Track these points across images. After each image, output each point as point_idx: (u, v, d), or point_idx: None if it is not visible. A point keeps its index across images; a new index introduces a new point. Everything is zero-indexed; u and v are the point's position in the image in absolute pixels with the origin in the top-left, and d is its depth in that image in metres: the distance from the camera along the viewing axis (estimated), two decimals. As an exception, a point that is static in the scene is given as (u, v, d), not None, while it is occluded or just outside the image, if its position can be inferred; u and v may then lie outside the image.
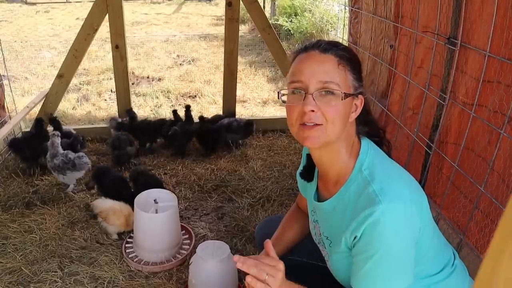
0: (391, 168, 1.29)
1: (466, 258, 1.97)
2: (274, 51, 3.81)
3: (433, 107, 2.38)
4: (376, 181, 1.19)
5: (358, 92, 1.25)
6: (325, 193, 1.40)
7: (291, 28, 7.31)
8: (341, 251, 1.28)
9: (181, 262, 2.27)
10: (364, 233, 1.16)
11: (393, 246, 1.15)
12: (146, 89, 5.33)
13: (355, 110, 1.26)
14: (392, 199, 1.14)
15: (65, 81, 3.64)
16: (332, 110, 1.18)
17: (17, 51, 7.25)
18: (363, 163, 1.26)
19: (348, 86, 1.22)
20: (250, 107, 4.77)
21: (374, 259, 1.16)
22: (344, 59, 1.21)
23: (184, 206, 2.80)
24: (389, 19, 2.94)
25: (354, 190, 1.24)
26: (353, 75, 1.23)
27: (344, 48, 1.25)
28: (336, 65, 1.20)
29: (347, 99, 1.20)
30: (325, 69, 1.19)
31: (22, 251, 2.33)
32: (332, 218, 1.34)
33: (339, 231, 1.27)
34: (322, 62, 1.20)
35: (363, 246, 1.18)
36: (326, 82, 1.18)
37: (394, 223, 1.14)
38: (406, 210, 1.16)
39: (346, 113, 1.22)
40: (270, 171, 3.23)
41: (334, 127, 1.20)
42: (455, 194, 2.20)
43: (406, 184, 1.24)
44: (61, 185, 3.00)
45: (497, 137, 1.84)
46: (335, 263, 1.36)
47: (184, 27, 9.94)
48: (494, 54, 1.86)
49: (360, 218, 1.16)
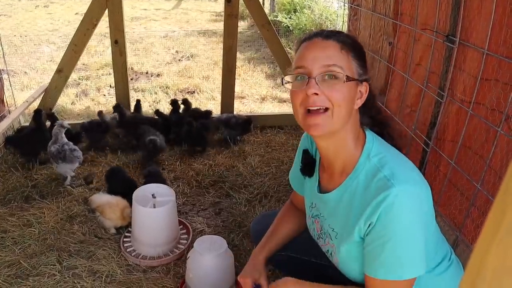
0: (397, 155, 1.30)
1: (462, 255, 1.98)
2: (273, 48, 3.81)
3: (431, 105, 2.39)
4: (386, 167, 1.21)
5: (363, 79, 1.26)
6: (329, 185, 1.40)
7: (290, 24, 7.31)
8: (352, 241, 1.28)
9: (179, 256, 2.28)
10: (380, 217, 1.17)
11: (407, 229, 1.16)
12: (145, 84, 5.34)
13: (361, 97, 1.27)
14: (403, 181, 1.16)
15: (64, 76, 3.65)
16: (336, 92, 1.19)
17: (16, 45, 7.23)
18: (371, 151, 1.28)
19: (352, 71, 1.23)
20: (249, 103, 4.78)
21: (390, 245, 1.16)
22: (346, 45, 1.23)
23: (182, 201, 2.81)
24: (388, 17, 2.95)
25: (363, 178, 1.25)
26: (357, 61, 1.24)
27: (347, 35, 1.27)
28: (338, 49, 1.21)
29: (351, 83, 1.21)
30: (328, 54, 1.21)
31: (20, 245, 2.34)
32: (339, 208, 1.34)
33: (348, 221, 1.28)
34: (325, 48, 1.21)
35: (379, 231, 1.18)
36: (329, 65, 1.19)
37: (408, 206, 1.15)
38: (417, 193, 1.18)
39: (351, 98, 1.23)
40: (267, 167, 3.24)
41: (341, 111, 1.21)
42: (451, 192, 2.21)
43: (414, 168, 1.26)
44: (59, 179, 3.01)
45: (494, 135, 1.85)
46: (343, 255, 1.35)
47: (183, 23, 9.92)
48: (492, 52, 1.87)
49: (374, 203, 1.17)
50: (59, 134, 2.92)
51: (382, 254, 1.18)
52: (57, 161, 2.86)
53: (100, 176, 3.07)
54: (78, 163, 2.97)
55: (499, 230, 0.35)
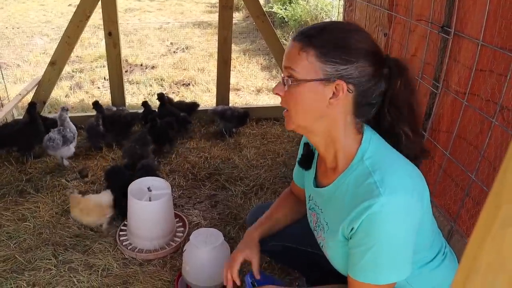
0: (394, 158, 1.25)
1: (456, 245, 2.00)
2: (268, 40, 3.79)
3: (426, 96, 2.39)
4: (377, 171, 1.17)
5: (336, 77, 1.17)
6: (324, 179, 1.40)
7: (285, 15, 7.27)
8: (337, 240, 1.28)
9: (175, 249, 2.28)
10: (362, 225, 1.15)
11: (391, 239, 1.15)
12: (139, 77, 5.30)
13: (335, 96, 1.18)
14: (392, 190, 1.12)
15: (57, 68, 3.61)
16: (289, 96, 1.22)
17: (8, 37, 7.16)
18: (365, 151, 1.23)
19: (310, 72, 1.17)
20: (244, 95, 4.76)
21: (372, 251, 1.16)
22: (308, 45, 1.17)
23: (178, 194, 2.81)
24: (384, 8, 2.94)
25: (354, 178, 1.23)
26: (324, 59, 1.17)
27: (316, 34, 1.19)
28: (297, 51, 1.19)
29: (310, 85, 1.18)
30: (289, 56, 1.22)
31: (16, 239, 2.33)
32: (330, 204, 1.34)
33: (337, 218, 1.28)
34: (289, 49, 1.23)
35: (361, 238, 1.17)
36: (285, 67, 1.22)
37: (393, 216, 1.13)
38: (407, 202, 1.14)
39: (310, 100, 1.20)
40: (263, 159, 3.24)
41: (297, 112, 1.23)
42: (446, 182, 2.22)
43: (408, 173, 1.21)
44: (54, 173, 3.00)
45: (489, 126, 1.86)
46: (331, 250, 1.36)
47: (178, 14, 9.85)
48: (487, 43, 1.86)
49: (359, 209, 1.15)
50: (64, 117, 3.07)
51: (363, 260, 1.19)
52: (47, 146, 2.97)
53: (95, 169, 3.06)
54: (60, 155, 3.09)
55: (493, 224, 0.35)
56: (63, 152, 3.03)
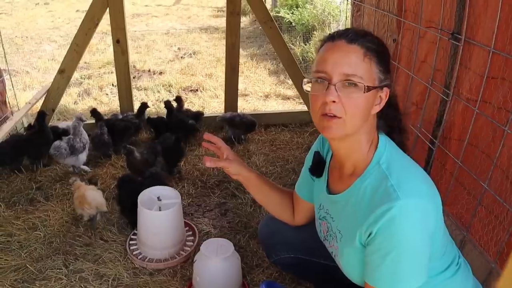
0: (408, 164, 1.29)
1: (469, 255, 1.97)
2: (276, 46, 3.78)
3: (436, 103, 2.37)
4: (394, 175, 1.19)
5: (383, 85, 1.24)
6: (338, 186, 1.41)
7: (292, 20, 7.26)
8: (353, 246, 1.28)
9: (185, 259, 2.28)
10: (380, 229, 1.16)
11: (410, 243, 1.15)
12: (147, 83, 5.32)
13: (379, 102, 1.26)
14: (409, 194, 1.14)
15: (66, 76, 3.63)
16: (352, 102, 1.19)
17: (17, 44, 7.22)
18: (381, 156, 1.27)
19: (373, 78, 1.21)
20: (252, 101, 4.76)
21: (391, 257, 1.16)
22: (370, 51, 1.20)
23: (187, 202, 2.80)
24: (392, 13, 2.92)
25: (370, 183, 1.24)
26: (379, 67, 1.22)
27: (372, 39, 1.24)
28: (361, 57, 1.19)
29: (370, 92, 1.20)
30: (350, 61, 1.19)
31: (26, 248, 2.34)
32: (346, 210, 1.33)
33: (353, 224, 1.27)
34: (348, 53, 1.19)
35: (380, 243, 1.17)
36: (349, 75, 1.18)
37: (411, 220, 1.14)
38: (423, 206, 1.16)
39: (368, 106, 1.23)
40: (272, 167, 3.23)
41: (353, 120, 1.21)
42: (458, 190, 2.20)
43: (423, 179, 1.24)
44: (64, 180, 3.01)
45: (502, 134, 1.83)
46: (346, 258, 1.35)
47: (185, 19, 9.88)
48: (498, 50, 1.85)
49: (377, 213, 1.16)
50: (77, 127, 3.06)
51: (382, 266, 1.18)
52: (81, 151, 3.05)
53: (105, 177, 3.07)
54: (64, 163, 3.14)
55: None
56: (70, 162, 3.04)
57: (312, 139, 3.62)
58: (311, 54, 5.91)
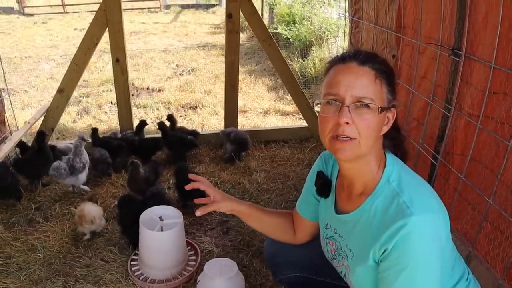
0: (417, 180, 1.29)
1: (476, 271, 1.94)
2: (275, 63, 3.79)
3: (438, 118, 2.37)
4: (405, 192, 1.20)
5: (392, 105, 1.26)
6: (346, 205, 1.40)
7: (290, 36, 7.32)
8: (366, 264, 1.27)
9: (188, 279, 2.24)
10: (396, 245, 1.16)
11: (425, 258, 1.15)
12: (146, 100, 5.32)
13: (387, 123, 1.27)
14: (423, 210, 1.15)
15: (65, 95, 3.63)
16: (365, 124, 1.19)
17: (16, 63, 7.24)
18: (391, 174, 1.27)
19: (383, 99, 1.22)
20: (252, 117, 4.76)
21: (406, 272, 1.15)
22: (380, 73, 1.21)
23: (189, 220, 2.78)
24: (391, 29, 2.94)
25: (382, 201, 1.25)
26: (388, 88, 1.24)
27: (382, 61, 1.25)
28: (373, 79, 1.20)
29: (382, 113, 1.21)
30: (362, 83, 1.19)
31: (26, 271, 2.30)
32: (356, 229, 1.33)
33: (365, 243, 1.27)
34: (360, 75, 1.20)
35: (394, 259, 1.17)
36: (361, 97, 1.18)
37: (426, 235, 1.15)
38: (436, 221, 1.17)
39: (379, 127, 1.24)
40: (274, 183, 3.21)
41: (367, 141, 1.22)
42: (462, 205, 2.18)
43: (432, 195, 1.25)
44: (63, 200, 2.99)
45: (505, 149, 1.83)
46: (358, 276, 1.33)
47: (183, 36, 9.96)
48: (499, 66, 1.85)
49: (392, 230, 1.16)
50: (79, 146, 3.05)
51: (398, 281, 1.17)
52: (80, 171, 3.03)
53: (105, 196, 3.04)
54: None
55: None
56: (70, 182, 3.02)
57: (312, 155, 3.61)
58: (309, 70, 5.94)
